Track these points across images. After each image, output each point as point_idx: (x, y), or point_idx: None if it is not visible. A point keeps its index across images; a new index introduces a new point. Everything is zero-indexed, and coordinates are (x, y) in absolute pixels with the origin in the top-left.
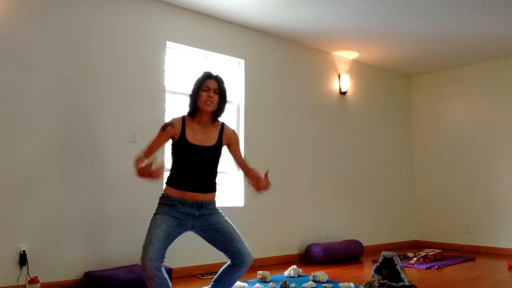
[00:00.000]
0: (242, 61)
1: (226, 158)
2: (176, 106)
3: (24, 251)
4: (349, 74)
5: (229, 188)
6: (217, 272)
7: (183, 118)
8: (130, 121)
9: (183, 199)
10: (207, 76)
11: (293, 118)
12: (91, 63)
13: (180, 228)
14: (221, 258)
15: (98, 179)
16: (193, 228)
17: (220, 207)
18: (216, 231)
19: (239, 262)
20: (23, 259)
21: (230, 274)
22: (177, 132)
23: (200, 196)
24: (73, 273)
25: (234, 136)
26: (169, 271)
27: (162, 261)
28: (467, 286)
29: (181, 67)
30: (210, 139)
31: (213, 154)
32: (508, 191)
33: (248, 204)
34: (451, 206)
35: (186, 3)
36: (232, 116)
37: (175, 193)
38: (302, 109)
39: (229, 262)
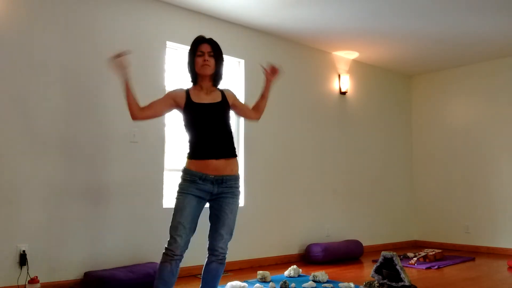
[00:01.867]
0: (242, 61)
1: None
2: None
3: (24, 251)
4: (349, 74)
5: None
6: None
7: (186, 89)
8: (130, 121)
9: (204, 174)
10: (199, 41)
11: (293, 118)
12: (91, 63)
13: (201, 205)
14: None
15: (98, 179)
16: (208, 202)
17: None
18: (216, 216)
19: (209, 255)
20: (23, 259)
21: (207, 271)
22: (182, 100)
23: (222, 166)
24: (73, 273)
25: (234, 95)
26: None
27: (186, 248)
28: (467, 286)
29: (181, 67)
30: (215, 98)
31: (223, 110)
32: (508, 191)
33: (248, 204)
34: (451, 206)
35: (186, 3)
36: (232, 116)
37: (196, 166)
38: (302, 109)
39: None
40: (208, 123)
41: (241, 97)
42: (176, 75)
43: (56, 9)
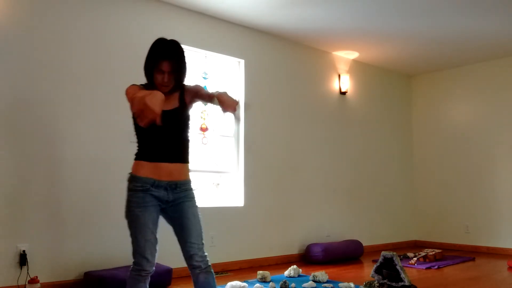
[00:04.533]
0: (242, 61)
1: (226, 159)
2: None
3: (24, 251)
4: (349, 74)
5: (229, 188)
6: (217, 272)
7: (143, 86)
8: (130, 121)
9: (156, 180)
10: (160, 57)
11: (293, 118)
12: (91, 63)
13: (158, 213)
14: (221, 258)
15: (98, 179)
16: (163, 212)
17: (220, 207)
18: (179, 225)
19: (190, 268)
20: (23, 259)
21: (196, 284)
22: None
23: (177, 170)
24: (73, 273)
25: (195, 87)
26: (169, 271)
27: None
28: (467, 286)
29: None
30: (173, 103)
31: (179, 116)
32: (508, 191)
33: (248, 204)
34: (451, 206)
35: (187, 3)
36: (232, 116)
37: (146, 170)
38: (302, 109)
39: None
40: (165, 130)
41: (241, 97)
42: None
43: (56, 9)
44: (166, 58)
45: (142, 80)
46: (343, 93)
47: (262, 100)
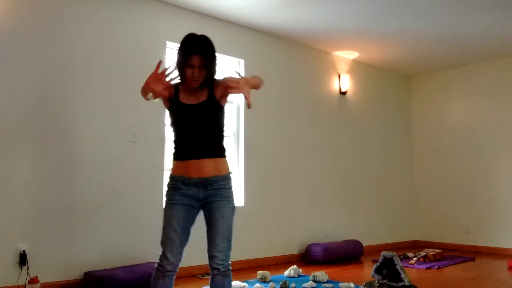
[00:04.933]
0: (242, 61)
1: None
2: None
3: (24, 251)
4: (349, 74)
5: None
6: None
7: (176, 84)
8: (130, 121)
9: (186, 178)
10: (191, 51)
11: (293, 118)
12: (91, 63)
13: (190, 213)
14: None
15: (98, 179)
16: (199, 210)
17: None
18: (208, 224)
19: (210, 267)
20: (23, 259)
21: (212, 283)
22: (171, 94)
23: (206, 167)
24: (73, 273)
25: (224, 81)
26: None
27: (180, 261)
28: (467, 286)
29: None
30: (202, 97)
31: (208, 109)
32: (508, 191)
33: (248, 204)
34: (451, 206)
35: (186, 3)
36: (232, 116)
37: (178, 169)
38: (302, 109)
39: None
40: (190, 125)
41: (240, 97)
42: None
43: (56, 9)
44: (196, 53)
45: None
46: (343, 93)
47: (262, 100)
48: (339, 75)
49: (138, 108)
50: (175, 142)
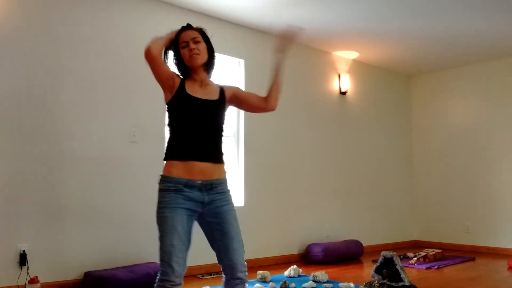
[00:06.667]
0: (242, 61)
1: (226, 158)
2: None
3: (24, 251)
4: (349, 74)
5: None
6: (217, 272)
7: (182, 78)
8: (130, 121)
9: (189, 180)
10: (180, 31)
11: (293, 118)
12: (91, 63)
13: (192, 218)
14: None
15: (98, 179)
16: (200, 217)
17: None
18: (219, 231)
19: (229, 278)
20: (23, 259)
21: None
22: (176, 85)
23: (209, 169)
24: (73, 273)
25: (234, 87)
26: None
27: (185, 269)
28: (467, 286)
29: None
30: (211, 94)
31: (218, 110)
32: (508, 191)
33: (248, 204)
34: (451, 206)
35: (186, 3)
36: (232, 116)
37: (178, 169)
38: (302, 109)
39: (223, 277)
40: (199, 121)
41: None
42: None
43: (56, 9)
44: (185, 29)
45: (146, 80)
46: (343, 93)
47: None
48: (339, 75)
49: (138, 108)
50: (174, 139)
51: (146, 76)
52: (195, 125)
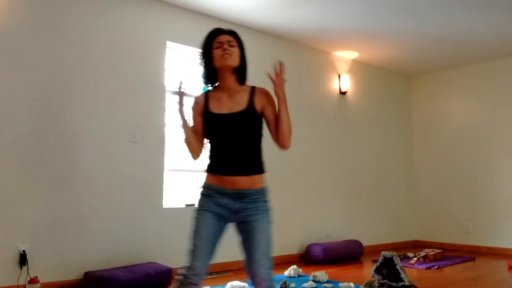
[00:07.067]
0: None
1: None
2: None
3: (24, 251)
4: (349, 74)
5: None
6: (217, 272)
7: (206, 92)
8: (130, 121)
9: (222, 188)
10: (216, 32)
11: (293, 118)
12: (91, 63)
13: (220, 224)
14: (221, 258)
15: (98, 179)
16: (234, 224)
17: None
18: (246, 239)
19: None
20: (23, 259)
21: None
22: (201, 108)
23: (241, 182)
24: (73, 273)
25: (268, 100)
26: (169, 271)
27: (204, 275)
28: (467, 286)
29: (181, 67)
30: (239, 104)
31: (246, 121)
32: (508, 191)
33: None
34: (451, 206)
35: (186, 3)
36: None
37: (212, 179)
38: (302, 109)
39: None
40: (224, 137)
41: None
42: (176, 75)
43: (55, 9)
44: (222, 33)
45: (146, 80)
46: (343, 93)
47: None
48: (339, 75)
49: (138, 108)
50: (210, 153)
51: (146, 76)
52: (221, 142)
